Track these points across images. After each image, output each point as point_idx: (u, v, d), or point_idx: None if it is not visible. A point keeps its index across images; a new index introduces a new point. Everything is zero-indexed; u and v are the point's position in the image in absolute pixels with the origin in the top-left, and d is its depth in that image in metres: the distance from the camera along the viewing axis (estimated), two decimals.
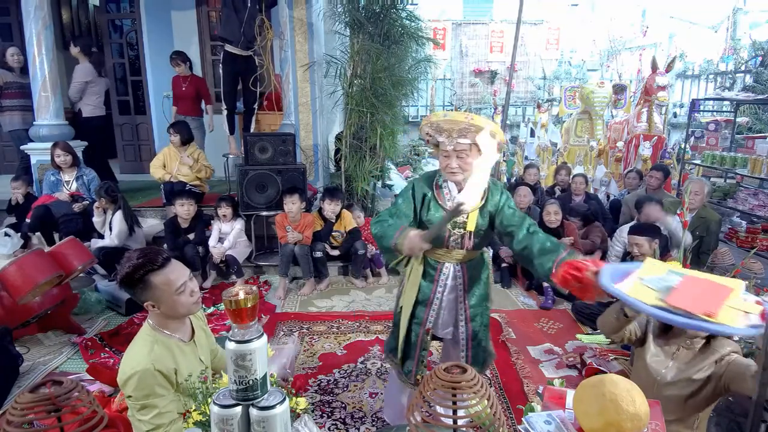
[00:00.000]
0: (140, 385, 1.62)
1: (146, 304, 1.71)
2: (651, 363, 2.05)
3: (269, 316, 3.85)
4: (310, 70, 5.47)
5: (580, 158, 7.37)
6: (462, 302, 2.17)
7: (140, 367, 1.62)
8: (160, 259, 1.70)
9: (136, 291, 1.70)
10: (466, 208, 1.84)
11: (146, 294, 1.69)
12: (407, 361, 2.24)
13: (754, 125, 9.36)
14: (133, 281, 1.68)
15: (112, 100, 7.22)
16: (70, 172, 4.80)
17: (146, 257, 1.69)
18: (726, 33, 11.24)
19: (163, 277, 1.69)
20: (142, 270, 1.67)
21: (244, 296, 1.12)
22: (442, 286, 2.15)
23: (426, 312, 2.17)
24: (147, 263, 1.67)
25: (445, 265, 2.13)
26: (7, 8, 6.88)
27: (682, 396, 1.95)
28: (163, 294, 1.69)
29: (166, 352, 1.71)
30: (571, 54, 12.35)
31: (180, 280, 1.71)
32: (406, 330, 2.19)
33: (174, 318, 1.77)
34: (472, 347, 2.21)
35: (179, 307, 1.73)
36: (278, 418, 1.13)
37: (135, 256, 1.70)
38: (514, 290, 4.42)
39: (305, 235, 4.37)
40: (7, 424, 1.03)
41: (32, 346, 3.34)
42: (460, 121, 1.90)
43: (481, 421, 1.06)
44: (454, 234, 2.04)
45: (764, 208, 4.65)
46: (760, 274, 3.61)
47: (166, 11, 6.77)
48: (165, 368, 1.67)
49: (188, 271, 1.78)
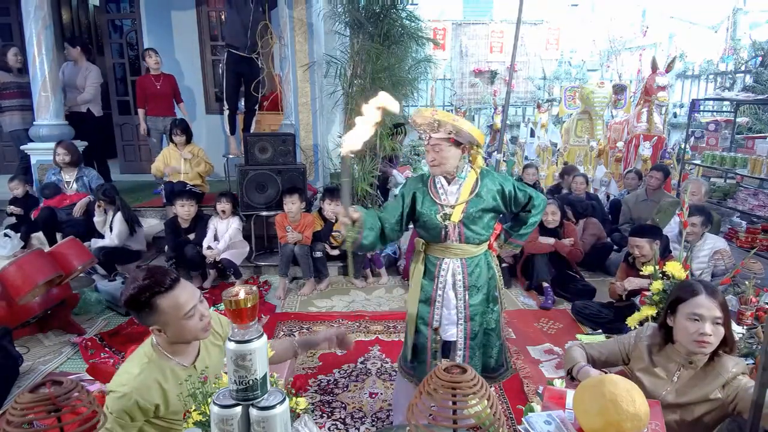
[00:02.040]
0: (114, 404, 1.54)
1: (152, 328, 1.60)
2: (648, 384, 1.82)
3: (269, 316, 3.85)
4: (310, 70, 5.48)
5: (580, 158, 7.37)
6: (462, 300, 2.16)
7: (122, 390, 1.54)
8: (167, 280, 1.57)
9: (142, 315, 1.58)
10: (342, 152, 1.87)
11: (152, 318, 1.57)
12: (420, 364, 2.22)
13: (754, 125, 9.35)
14: (139, 304, 1.55)
15: (112, 100, 7.23)
16: (70, 172, 4.80)
17: (153, 278, 1.55)
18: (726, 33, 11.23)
19: (171, 300, 1.56)
20: (148, 292, 1.54)
21: (244, 296, 1.12)
22: (443, 282, 2.16)
23: (431, 311, 2.18)
24: (153, 285, 1.54)
25: (444, 261, 2.15)
26: (7, 8, 6.88)
27: (685, 421, 1.76)
28: (170, 318, 1.57)
29: (153, 382, 1.60)
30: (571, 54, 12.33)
31: (189, 304, 1.58)
32: (414, 331, 2.19)
33: (182, 341, 1.66)
34: (469, 347, 2.19)
35: (186, 332, 1.61)
36: (278, 418, 1.13)
37: (141, 277, 1.57)
38: (514, 290, 4.42)
39: (305, 235, 4.37)
40: (7, 424, 1.03)
41: (32, 346, 3.34)
42: (427, 116, 2.02)
43: (481, 421, 1.06)
44: (445, 226, 2.10)
45: (764, 208, 4.65)
46: (760, 274, 3.61)
47: (166, 11, 6.77)
48: (146, 401, 1.56)
49: (198, 293, 1.66)
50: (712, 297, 1.71)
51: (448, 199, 2.11)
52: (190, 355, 1.71)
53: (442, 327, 2.20)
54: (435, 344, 2.17)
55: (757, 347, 2.30)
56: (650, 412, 1.40)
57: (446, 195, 2.12)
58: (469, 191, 2.10)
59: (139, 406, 1.55)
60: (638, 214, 5.07)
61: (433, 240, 2.15)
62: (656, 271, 2.75)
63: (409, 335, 2.23)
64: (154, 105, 5.84)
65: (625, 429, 1.33)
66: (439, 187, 2.14)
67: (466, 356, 2.20)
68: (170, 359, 1.65)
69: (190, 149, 5.09)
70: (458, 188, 2.11)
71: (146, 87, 5.78)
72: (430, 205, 2.12)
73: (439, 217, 2.09)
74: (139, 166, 7.24)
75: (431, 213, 2.11)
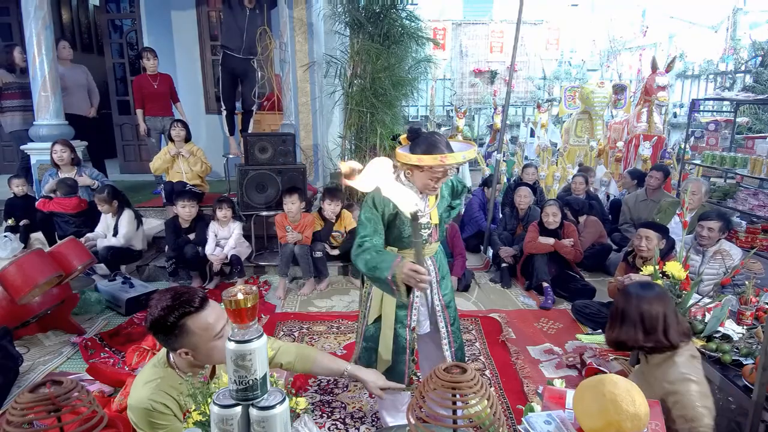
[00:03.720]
0: (141, 419, 1.52)
1: (180, 351, 1.51)
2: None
3: (269, 316, 3.85)
4: (310, 70, 5.48)
5: (580, 158, 7.37)
6: (437, 293, 2.26)
7: (141, 405, 1.51)
8: (197, 300, 1.49)
9: (170, 338, 1.49)
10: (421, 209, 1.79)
11: (181, 341, 1.49)
12: (397, 366, 2.23)
13: (754, 125, 9.36)
14: (167, 327, 1.47)
15: (112, 100, 7.23)
16: (69, 171, 4.76)
17: (181, 299, 1.48)
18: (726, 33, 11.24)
19: (202, 321, 1.48)
20: (177, 313, 1.47)
21: (244, 296, 1.12)
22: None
23: (408, 313, 2.21)
24: (182, 305, 1.47)
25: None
26: (7, 8, 6.88)
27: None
28: (200, 340, 1.49)
29: (169, 391, 1.55)
30: (571, 54, 12.35)
31: (220, 324, 1.51)
32: (393, 336, 2.20)
33: (210, 363, 1.58)
34: (453, 332, 2.30)
35: (216, 353, 1.52)
36: (278, 418, 1.13)
37: (167, 297, 1.49)
38: (513, 290, 4.42)
39: (305, 235, 4.37)
40: (7, 424, 1.03)
41: (32, 346, 3.34)
42: (437, 167, 1.92)
43: (481, 421, 1.06)
44: (423, 232, 2.12)
45: (764, 208, 4.64)
46: (760, 274, 3.61)
47: (166, 11, 6.77)
48: (162, 407, 1.53)
49: (225, 314, 1.58)
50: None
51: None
52: (206, 374, 1.66)
53: (419, 323, 2.27)
54: (413, 344, 2.25)
55: (757, 347, 2.30)
56: (650, 412, 1.41)
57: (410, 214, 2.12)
58: (435, 195, 2.13)
59: (162, 410, 1.53)
60: (638, 214, 5.08)
61: (405, 246, 2.15)
62: (656, 271, 2.76)
63: (385, 343, 2.19)
64: (151, 105, 5.79)
65: (625, 429, 1.33)
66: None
67: (451, 342, 2.28)
68: (185, 379, 1.59)
69: (188, 148, 5.09)
70: (424, 197, 2.09)
71: (143, 87, 5.74)
72: (402, 215, 2.08)
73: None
74: (138, 166, 7.24)
75: (407, 222, 2.08)
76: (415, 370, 2.35)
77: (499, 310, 3.95)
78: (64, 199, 4.54)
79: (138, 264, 4.60)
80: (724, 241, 3.48)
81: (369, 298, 2.24)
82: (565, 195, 5.46)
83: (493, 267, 4.81)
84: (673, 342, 1.83)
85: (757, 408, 1.93)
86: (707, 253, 3.43)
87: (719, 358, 2.32)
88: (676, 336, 1.84)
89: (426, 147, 1.92)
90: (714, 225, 3.38)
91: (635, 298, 1.91)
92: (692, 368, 1.79)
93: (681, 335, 1.85)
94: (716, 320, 2.47)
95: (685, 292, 2.62)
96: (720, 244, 3.43)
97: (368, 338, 2.25)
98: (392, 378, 2.20)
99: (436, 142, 1.94)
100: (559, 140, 8.28)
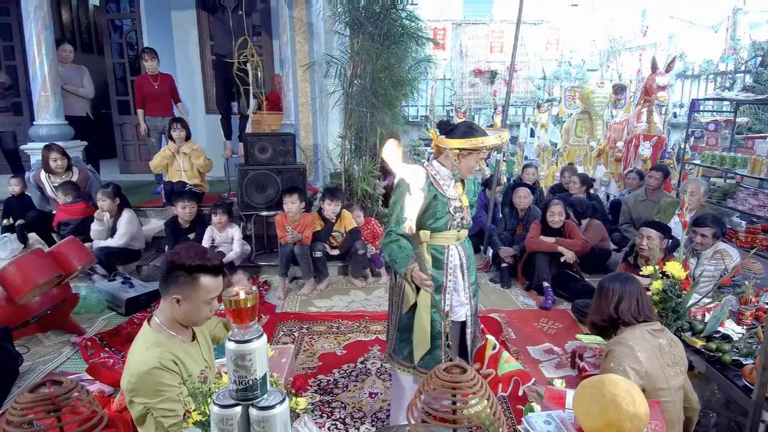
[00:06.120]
0: (149, 385, 1.59)
1: (173, 297, 1.68)
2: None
3: (269, 316, 3.85)
4: (310, 70, 5.48)
5: (580, 158, 7.37)
6: (465, 280, 2.30)
7: (148, 367, 1.60)
8: (217, 266, 1.72)
9: (178, 280, 1.67)
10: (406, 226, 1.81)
11: (183, 288, 1.67)
12: (434, 351, 2.22)
13: (754, 125, 9.36)
14: (184, 269, 1.65)
15: (112, 100, 7.23)
16: (64, 176, 4.65)
17: (207, 256, 1.69)
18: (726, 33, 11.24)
19: (209, 283, 1.69)
20: (199, 265, 1.66)
21: (244, 296, 1.12)
22: (452, 268, 2.25)
23: (442, 297, 2.26)
24: (207, 261, 1.67)
25: (450, 248, 2.26)
26: (7, 8, 6.87)
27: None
28: (197, 296, 1.68)
29: (169, 350, 1.69)
30: (571, 54, 12.35)
31: (215, 293, 1.72)
32: (430, 322, 2.20)
33: (185, 321, 1.77)
34: (474, 323, 2.35)
35: (199, 313, 1.73)
36: (278, 418, 1.13)
37: (200, 250, 1.70)
38: (513, 290, 4.42)
39: (305, 235, 4.37)
40: (7, 424, 1.03)
41: (32, 346, 3.34)
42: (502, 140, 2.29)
43: (481, 421, 1.06)
44: (456, 217, 2.21)
45: (764, 208, 4.64)
46: (760, 274, 3.61)
47: (166, 11, 6.77)
48: (171, 364, 1.65)
49: (221, 289, 1.77)
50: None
51: (451, 192, 2.25)
52: (189, 334, 1.83)
53: (453, 309, 2.29)
54: (447, 328, 2.25)
55: (756, 347, 2.30)
56: (650, 412, 1.41)
57: (449, 189, 2.25)
58: (462, 186, 2.30)
59: (170, 368, 1.64)
60: (638, 214, 5.07)
61: (438, 229, 2.23)
62: (656, 271, 2.75)
63: (422, 327, 2.20)
64: (152, 105, 5.77)
65: (625, 429, 1.33)
66: (442, 183, 2.25)
67: (473, 332, 2.34)
68: (174, 336, 1.75)
69: (189, 145, 5.08)
70: (453, 183, 2.27)
71: (144, 87, 5.72)
72: (441, 198, 2.22)
73: (451, 208, 2.21)
74: (138, 165, 7.23)
75: (443, 205, 2.21)
76: (450, 356, 2.35)
77: (499, 310, 3.96)
78: (71, 206, 4.43)
79: (137, 264, 4.61)
80: (721, 242, 3.48)
81: (401, 289, 2.24)
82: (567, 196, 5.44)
83: (493, 267, 4.81)
84: (623, 317, 2.03)
85: (757, 408, 1.93)
86: (703, 255, 3.44)
87: (719, 358, 2.31)
88: (628, 313, 2.03)
89: (467, 131, 2.14)
90: (707, 232, 3.38)
91: (604, 280, 2.17)
92: (636, 338, 1.95)
93: (636, 314, 2.03)
94: (716, 320, 2.47)
95: (685, 292, 2.61)
96: (716, 245, 3.44)
97: (402, 328, 2.27)
98: (429, 364, 2.21)
99: (474, 126, 2.18)
100: (559, 140, 8.28)
